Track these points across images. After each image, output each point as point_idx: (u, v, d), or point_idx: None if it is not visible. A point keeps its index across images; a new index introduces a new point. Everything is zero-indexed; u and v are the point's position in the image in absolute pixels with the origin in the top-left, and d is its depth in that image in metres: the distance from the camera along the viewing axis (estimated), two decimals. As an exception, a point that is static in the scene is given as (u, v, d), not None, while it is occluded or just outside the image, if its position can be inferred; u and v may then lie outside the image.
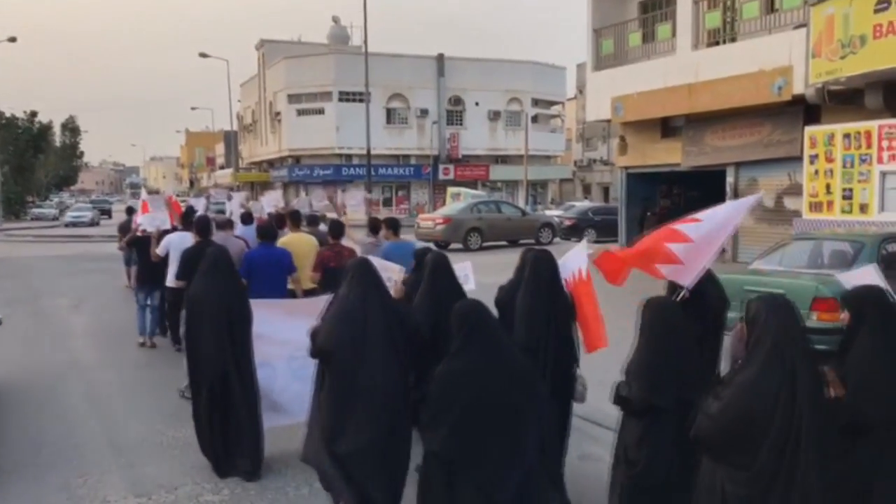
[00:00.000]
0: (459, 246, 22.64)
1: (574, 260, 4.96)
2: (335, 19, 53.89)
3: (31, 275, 19.14)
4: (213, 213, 14.04)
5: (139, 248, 10.35)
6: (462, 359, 3.39)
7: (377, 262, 5.25)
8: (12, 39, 44.62)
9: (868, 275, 4.12)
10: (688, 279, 4.29)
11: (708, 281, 4.54)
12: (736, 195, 17.30)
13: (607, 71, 19.61)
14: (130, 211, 15.17)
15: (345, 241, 8.04)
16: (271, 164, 53.87)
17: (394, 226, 8.01)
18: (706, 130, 17.53)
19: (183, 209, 13.60)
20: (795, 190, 15.74)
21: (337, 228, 8.10)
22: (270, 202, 13.57)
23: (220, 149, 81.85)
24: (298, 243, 8.15)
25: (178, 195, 24.75)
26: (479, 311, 3.55)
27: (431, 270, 5.06)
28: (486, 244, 23.44)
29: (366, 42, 27.79)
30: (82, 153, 72.62)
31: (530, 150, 48.84)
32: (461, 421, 3.32)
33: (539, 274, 4.79)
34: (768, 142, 16.02)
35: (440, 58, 48.48)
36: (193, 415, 5.82)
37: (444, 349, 3.66)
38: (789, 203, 16.05)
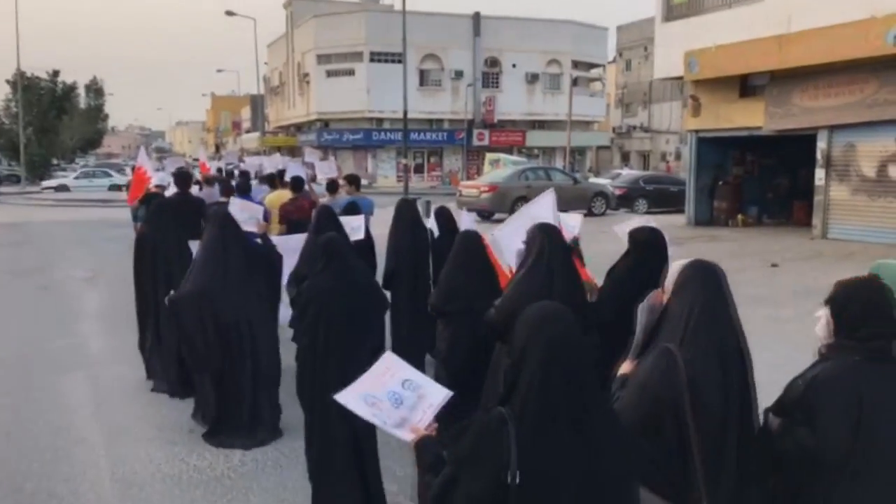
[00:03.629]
0: (505, 216, 20.82)
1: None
2: (366, -24, 51.71)
3: (48, 242, 17.73)
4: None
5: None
6: (323, 276, 4.21)
7: (239, 203, 6.96)
8: (34, -5, 43.11)
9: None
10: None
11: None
12: (829, 163, 15.36)
13: (680, 22, 17.55)
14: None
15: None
16: (299, 127, 52.18)
17: (355, 181, 9.05)
18: (794, 89, 15.50)
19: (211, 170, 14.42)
20: (904, 157, 13.78)
21: (296, 183, 9.13)
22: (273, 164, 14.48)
23: (246, 112, 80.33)
24: (277, 199, 9.15)
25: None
26: (336, 241, 4.42)
27: (316, 220, 6.06)
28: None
29: (404, -5, 25.79)
30: (107, 116, 71.21)
31: (568, 115, 46.65)
32: (323, 320, 4.06)
33: (401, 216, 6.31)
34: (873, 101, 13.97)
35: (476, 16, 46.16)
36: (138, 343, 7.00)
37: None
38: (895, 173, 14.08)
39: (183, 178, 8.55)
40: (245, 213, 6.82)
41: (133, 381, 6.87)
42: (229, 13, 46.01)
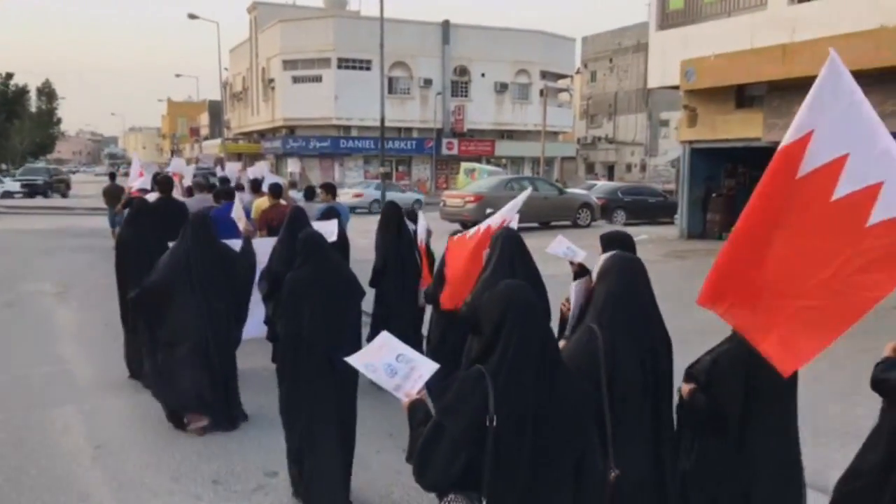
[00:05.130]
0: (491, 227, 20.11)
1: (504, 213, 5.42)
2: (332, -19, 50.85)
3: (7, 253, 16.45)
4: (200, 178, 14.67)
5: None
6: (303, 269, 4.44)
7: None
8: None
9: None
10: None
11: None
12: (830, 175, 15.05)
13: (676, 30, 17.12)
14: (113, 176, 18.08)
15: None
16: (262, 134, 50.94)
17: (331, 189, 9.34)
18: (795, 99, 15.06)
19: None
20: (910, 170, 13.50)
21: (275, 190, 9.15)
22: (256, 172, 13.78)
23: (204, 119, 78.44)
24: (262, 205, 9.21)
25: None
26: (316, 237, 4.65)
27: (289, 220, 6.15)
28: (519, 225, 20.96)
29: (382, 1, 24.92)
30: (60, 120, 68.81)
31: (536, 126, 46.35)
32: (305, 310, 4.29)
33: (388, 217, 6.81)
34: (879, 113, 13.60)
35: (445, 24, 45.72)
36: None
37: None
38: (901, 185, 13.80)
39: (165, 183, 8.69)
40: (238, 213, 7.56)
41: (132, 417, 6.02)
42: (192, 16, 44.69)
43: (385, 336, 3.06)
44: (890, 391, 2.92)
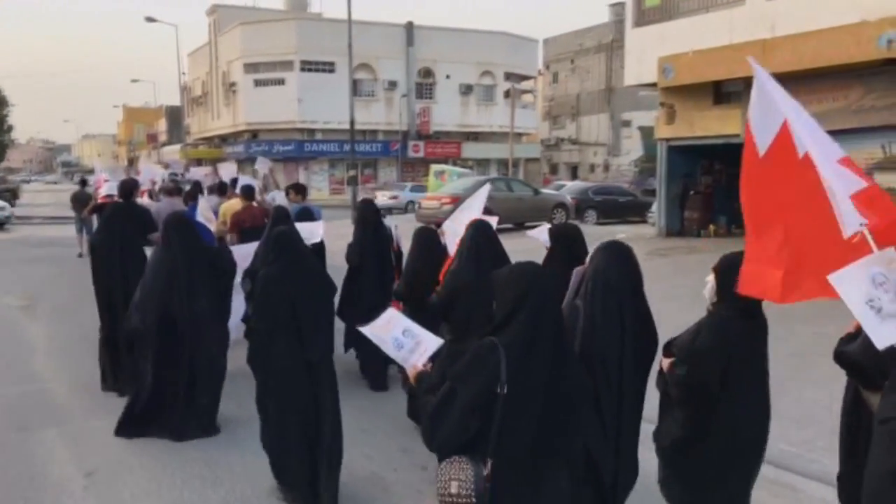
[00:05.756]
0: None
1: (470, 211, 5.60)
2: (293, -17, 50.18)
3: (-37, 264, 15.66)
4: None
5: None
6: (276, 266, 4.46)
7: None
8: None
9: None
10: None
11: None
12: (810, 170, 15.06)
13: (653, 27, 16.99)
14: (84, 183, 17.58)
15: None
16: (224, 139, 49.98)
17: (301, 190, 9.23)
18: (774, 95, 15.13)
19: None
20: (891, 165, 13.56)
21: (247, 192, 9.08)
22: (227, 173, 14.05)
23: (162, 124, 76.84)
24: (231, 207, 9.17)
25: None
26: (287, 234, 4.65)
27: (273, 220, 6.22)
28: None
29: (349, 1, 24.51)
30: (11, 128, 66.65)
31: (502, 127, 46.19)
32: (277, 306, 4.29)
33: (364, 216, 6.96)
34: (858, 108, 13.70)
35: (409, 26, 45.35)
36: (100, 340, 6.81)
37: None
38: (882, 180, 13.79)
39: (127, 188, 8.49)
40: (205, 215, 7.79)
41: (122, 441, 5.53)
42: (150, 20, 43.66)
43: (391, 312, 3.24)
44: (848, 363, 3.02)
